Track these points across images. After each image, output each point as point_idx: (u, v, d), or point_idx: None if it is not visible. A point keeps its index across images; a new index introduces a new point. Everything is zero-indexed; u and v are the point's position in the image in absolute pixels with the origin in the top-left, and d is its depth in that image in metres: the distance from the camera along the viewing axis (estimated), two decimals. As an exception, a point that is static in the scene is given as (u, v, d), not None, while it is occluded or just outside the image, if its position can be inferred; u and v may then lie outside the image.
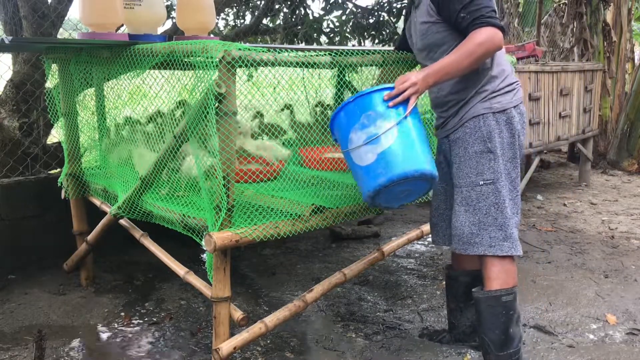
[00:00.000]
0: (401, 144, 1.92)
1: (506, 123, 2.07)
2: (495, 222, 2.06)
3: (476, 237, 2.08)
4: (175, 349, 2.47)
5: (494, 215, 2.06)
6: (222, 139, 1.92)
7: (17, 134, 3.72)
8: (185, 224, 2.24)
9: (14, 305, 2.88)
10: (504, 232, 2.06)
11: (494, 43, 1.96)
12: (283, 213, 2.19)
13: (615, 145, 6.52)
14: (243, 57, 1.90)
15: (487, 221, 2.06)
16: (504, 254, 2.07)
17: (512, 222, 2.08)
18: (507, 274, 2.09)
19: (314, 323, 2.71)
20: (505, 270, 2.08)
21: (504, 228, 2.06)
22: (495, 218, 2.06)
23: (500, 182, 2.05)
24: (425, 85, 1.98)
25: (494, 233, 2.06)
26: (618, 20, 6.90)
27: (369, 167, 1.94)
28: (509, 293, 2.08)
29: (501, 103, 2.07)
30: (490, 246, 2.07)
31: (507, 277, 2.09)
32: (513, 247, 2.08)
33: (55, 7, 3.85)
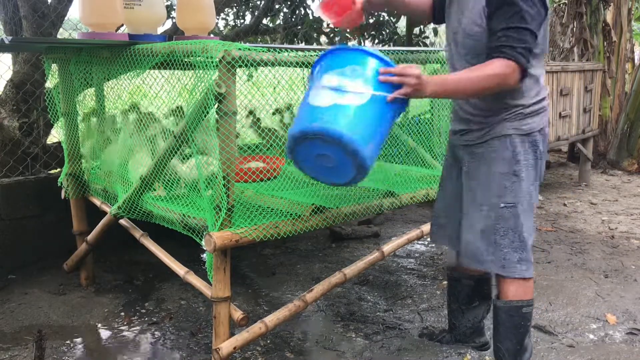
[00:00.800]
0: (358, 112, 1.79)
1: (531, 145, 1.99)
2: (511, 244, 2.01)
3: (490, 255, 2.03)
4: (175, 349, 2.47)
5: (511, 238, 2.01)
6: (222, 138, 1.92)
7: (17, 133, 3.72)
8: (185, 223, 2.24)
9: (14, 305, 2.88)
10: (518, 255, 2.01)
11: (506, 81, 1.84)
12: (283, 213, 2.19)
13: (615, 145, 6.52)
14: (243, 57, 1.90)
15: (503, 243, 2.01)
16: (518, 276, 2.03)
17: (528, 244, 2.03)
18: (525, 290, 2.06)
19: (314, 323, 2.71)
20: (520, 286, 2.05)
21: (519, 251, 2.02)
22: (512, 241, 2.01)
23: (521, 205, 1.99)
24: (423, 89, 1.83)
25: (509, 255, 2.01)
26: (618, 20, 6.90)
27: (317, 108, 1.81)
28: (529, 305, 2.07)
29: (529, 125, 1.99)
30: (502, 267, 2.02)
31: (525, 292, 2.06)
32: (526, 270, 2.03)
33: (55, 7, 3.85)
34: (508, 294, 2.06)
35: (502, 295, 2.08)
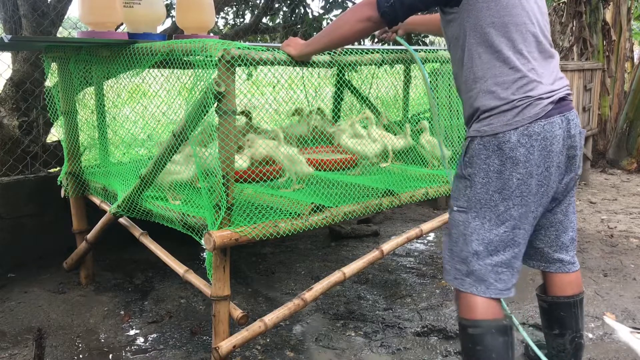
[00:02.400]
0: None
1: (497, 149, 1.71)
2: (460, 253, 1.81)
3: (447, 263, 1.87)
4: (174, 348, 2.47)
5: (461, 246, 1.80)
6: (221, 137, 1.92)
7: (17, 132, 3.72)
8: (184, 222, 2.24)
9: (13, 304, 2.88)
10: (466, 267, 1.79)
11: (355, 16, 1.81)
12: (282, 212, 2.19)
13: (614, 144, 6.53)
14: (242, 56, 1.90)
15: (454, 250, 1.83)
16: (465, 291, 1.80)
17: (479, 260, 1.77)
18: (470, 308, 1.80)
19: (313, 322, 2.72)
20: (467, 302, 1.80)
21: (466, 263, 1.79)
22: (462, 250, 1.80)
23: (472, 212, 1.77)
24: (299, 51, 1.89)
25: (458, 265, 1.82)
26: (617, 19, 6.91)
27: None
28: (475, 326, 1.78)
29: (492, 126, 1.72)
30: (454, 278, 1.83)
31: (470, 311, 1.80)
32: (475, 286, 1.78)
33: (55, 6, 3.85)
34: (459, 308, 1.85)
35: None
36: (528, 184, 1.72)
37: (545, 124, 1.71)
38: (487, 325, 1.77)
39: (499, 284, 1.77)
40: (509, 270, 1.78)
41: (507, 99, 1.70)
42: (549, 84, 1.74)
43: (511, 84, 1.71)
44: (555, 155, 1.74)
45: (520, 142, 1.69)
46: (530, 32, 1.73)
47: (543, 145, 1.71)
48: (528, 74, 1.71)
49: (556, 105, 1.73)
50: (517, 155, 1.70)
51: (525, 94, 1.70)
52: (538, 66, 1.73)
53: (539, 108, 1.70)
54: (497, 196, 1.73)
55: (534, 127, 1.69)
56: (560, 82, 1.79)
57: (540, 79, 1.72)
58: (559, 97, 1.74)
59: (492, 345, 1.76)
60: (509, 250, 1.77)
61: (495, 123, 1.71)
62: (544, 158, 1.72)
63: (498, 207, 1.74)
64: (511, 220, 1.75)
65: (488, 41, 1.72)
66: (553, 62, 1.80)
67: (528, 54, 1.72)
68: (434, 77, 3.21)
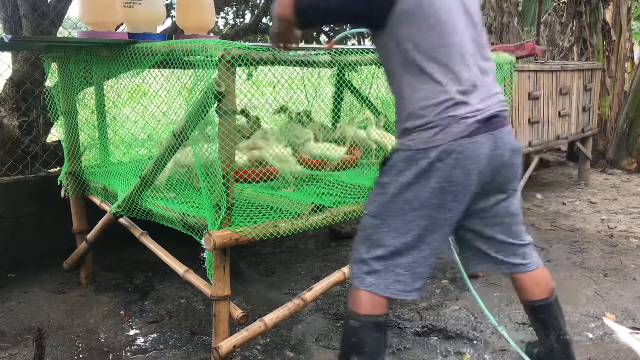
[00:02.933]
0: None
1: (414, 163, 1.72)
2: (364, 255, 1.82)
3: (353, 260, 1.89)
4: (174, 348, 2.47)
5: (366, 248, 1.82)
6: (221, 137, 1.92)
7: (17, 132, 3.72)
8: (184, 222, 2.24)
9: (13, 304, 2.88)
10: (367, 267, 1.81)
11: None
12: (282, 212, 2.19)
13: (614, 144, 6.52)
14: (242, 56, 1.90)
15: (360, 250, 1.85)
16: (364, 289, 1.81)
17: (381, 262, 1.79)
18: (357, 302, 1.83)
19: (313, 321, 2.72)
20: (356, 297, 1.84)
21: (368, 263, 1.81)
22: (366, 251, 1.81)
23: (380, 218, 1.78)
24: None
25: (361, 264, 1.83)
26: (617, 19, 6.90)
27: None
28: (355, 319, 1.83)
29: (414, 141, 1.72)
30: (356, 276, 1.85)
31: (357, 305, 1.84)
32: (374, 285, 1.79)
33: (55, 6, 3.85)
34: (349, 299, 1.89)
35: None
36: (440, 199, 1.72)
37: (469, 143, 1.69)
38: (366, 320, 1.83)
39: (398, 285, 1.80)
40: (409, 273, 1.79)
41: (432, 118, 1.70)
42: (477, 102, 1.71)
43: (437, 105, 1.70)
44: (477, 174, 1.72)
45: (439, 159, 1.69)
46: (459, 52, 1.71)
47: (464, 164, 1.69)
48: (454, 95, 1.69)
49: (484, 124, 1.71)
50: (433, 171, 1.70)
51: (450, 114, 1.69)
52: (467, 85, 1.71)
53: (462, 127, 1.68)
54: (407, 207, 1.74)
55: (455, 146, 1.68)
56: (493, 99, 1.76)
57: (467, 98, 1.70)
58: (488, 115, 1.72)
59: (366, 338, 1.83)
60: (411, 256, 1.79)
61: (417, 139, 1.71)
62: (464, 176, 1.71)
63: (406, 217, 1.75)
64: (417, 230, 1.76)
65: (414, 63, 1.71)
66: (486, 78, 1.78)
67: (455, 75, 1.70)
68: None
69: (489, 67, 1.81)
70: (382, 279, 1.80)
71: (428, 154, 1.70)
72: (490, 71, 1.82)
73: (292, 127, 2.90)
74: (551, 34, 8.17)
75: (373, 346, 1.83)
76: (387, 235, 1.78)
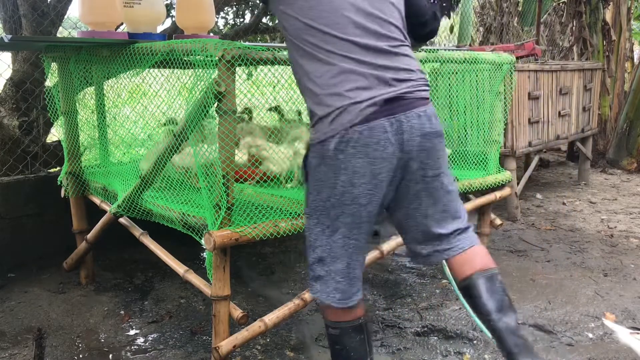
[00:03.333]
0: None
1: (322, 157, 1.66)
2: (309, 259, 1.80)
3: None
4: (174, 348, 2.47)
5: (310, 252, 1.80)
6: (221, 137, 1.92)
7: (17, 132, 3.72)
8: (184, 222, 2.24)
9: (13, 304, 2.88)
10: (312, 272, 1.79)
11: None
12: (283, 211, 2.19)
13: (614, 144, 6.52)
14: (242, 56, 1.90)
15: (308, 255, 1.82)
16: (313, 295, 1.81)
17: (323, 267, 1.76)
18: (329, 311, 1.81)
19: (313, 321, 2.72)
20: (324, 307, 1.82)
21: (313, 269, 1.79)
22: (310, 255, 1.80)
23: (314, 218, 1.75)
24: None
25: (310, 269, 1.81)
26: (617, 19, 6.90)
27: None
28: (333, 327, 1.82)
29: (317, 134, 1.66)
30: (309, 282, 1.84)
31: (329, 313, 1.82)
32: (319, 292, 1.77)
33: (55, 6, 3.85)
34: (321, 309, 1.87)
35: None
36: (351, 192, 1.65)
37: (364, 130, 1.59)
38: (344, 326, 1.81)
39: (338, 293, 1.76)
40: (346, 280, 1.75)
41: (326, 106, 1.63)
42: (374, 86, 1.62)
43: (327, 90, 1.63)
44: (383, 162, 1.63)
45: (339, 149, 1.62)
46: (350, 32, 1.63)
47: (364, 151, 1.61)
48: (340, 80, 1.61)
49: (382, 108, 1.61)
50: (338, 163, 1.63)
51: (342, 100, 1.61)
52: (360, 68, 1.62)
53: (354, 114, 1.59)
54: (328, 204, 1.69)
55: (350, 134, 1.60)
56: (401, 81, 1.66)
57: (358, 83, 1.61)
58: (387, 98, 1.62)
59: (349, 343, 1.82)
60: (344, 258, 1.74)
61: (319, 131, 1.65)
62: (368, 165, 1.62)
63: (330, 214, 1.70)
64: (342, 228, 1.71)
65: (303, 48, 1.66)
66: (390, 58, 1.67)
67: (346, 57, 1.62)
68: (433, 77, 3.21)
69: (390, 47, 1.68)
70: (325, 286, 1.77)
71: (328, 145, 1.63)
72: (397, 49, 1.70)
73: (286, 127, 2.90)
74: (551, 34, 8.17)
75: (358, 349, 1.82)
76: (322, 235, 1.74)
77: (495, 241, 3.89)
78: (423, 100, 1.70)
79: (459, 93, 3.14)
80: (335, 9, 1.64)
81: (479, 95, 3.10)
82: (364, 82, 1.62)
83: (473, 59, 2.85)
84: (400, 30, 1.74)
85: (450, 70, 3.14)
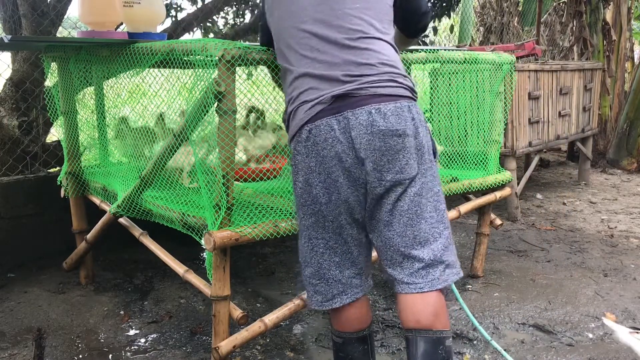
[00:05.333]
0: None
1: (291, 158, 1.70)
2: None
3: None
4: (174, 348, 2.47)
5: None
6: (221, 137, 1.92)
7: (17, 132, 3.72)
8: (184, 222, 2.24)
9: (13, 304, 2.88)
10: (302, 277, 1.80)
11: None
12: (283, 211, 2.19)
13: (614, 144, 6.52)
14: (242, 56, 1.90)
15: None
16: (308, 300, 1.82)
17: (303, 271, 1.77)
18: (334, 319, 1.82)
19: (313, 322, 2.72)
20: (331, 313, 1.82)
21: (301, 273, 1.80)
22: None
23: (298, 218, 1.76)
24: None
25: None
26: (618, 19, 6.90)
27: None
28: (338, 335, 1.82)
29: (288, 136, 1.71)
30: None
31: (334, 321, 1.82)
32: (307, 295, 1.79)
33: (55, 6, 3.85)
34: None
35: None
36: (310, 192, 1.64)
37: (312, 128, 1.59)
38: (348, 336, 1.80)
39: (318, 295, 1.75)
40: (322, 282, 1.73)
41: (287, 108, 1.68)
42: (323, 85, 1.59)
43: (289, 95, 1.67)
44: (333, 160, 1.59)
45: (297, 150, 1.64)
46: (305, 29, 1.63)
47: (314, 150, 1.59)
48: (297, 83, 1.63)
49: (330, 106, 1.57)
50: (296, 164, 1.65)
51: (296, 101, 1.63)
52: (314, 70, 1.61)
53: (302, 113, 1.60)
54: (298, 203, 1.71)
55: (302, 134, 1.61)
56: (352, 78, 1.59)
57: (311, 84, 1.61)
58: (336, 94, 1.57)
59: (352, 353, 1.80)
60: (314, 260, 1.72)
61: (288, 133, 1.70)
62: (321, 164, 1.60)
63: (298, 216, 1.73)
64: (306, 230, 1.71)
65: (279, 54, 1.75)
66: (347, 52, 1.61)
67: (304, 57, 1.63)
68: (433, 77, 3.21)
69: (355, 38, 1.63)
70: (308, 290, 1.78)
71: (293, 146, 1.67)
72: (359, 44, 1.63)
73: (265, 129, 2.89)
74: (551, 34, 8.17)
75: (360, 358, 1.81)
76: (300, 237, 1.77)
77: (495, 241, 3.89)
78: (381, 97, 1.59)
79: (459, 93, 3.14)
80: (298, 7, 1.66)
81: (479, 95, 3.10)
82: (317, 83, 1.61)
83: (473, 59, 2.84)
84: (366, 22, 1.65)
85: (451, 70, 3.13)
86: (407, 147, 1.60)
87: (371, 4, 1.68)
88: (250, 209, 2.14)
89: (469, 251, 3.40)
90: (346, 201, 1.64)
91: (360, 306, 1.78)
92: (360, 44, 1.62)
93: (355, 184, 1.62)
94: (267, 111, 2.97)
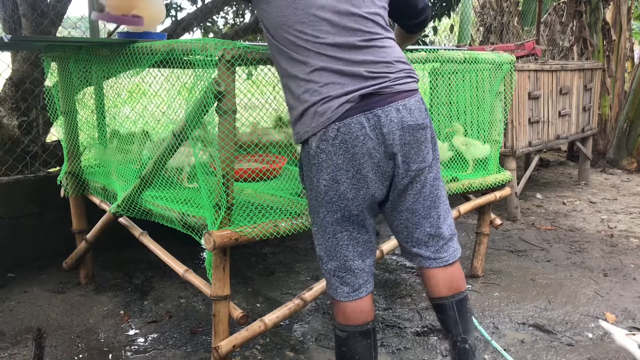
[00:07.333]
0: None
1: (306, 155, 1.71)
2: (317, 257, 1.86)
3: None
4: (174, 348, 2.47)
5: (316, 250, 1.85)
6: (221, 137, 1.92)
7: (17, 132, 3.72)
8: (184, 222, 2.24)
9: (13, 304, 2.88)
10: (322, 271, 1.85)
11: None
12: (282, 211, 2.19)
13: (614, 144, 6.52)
14: (242, 56, 1.90)
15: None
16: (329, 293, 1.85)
17: (324, 265, 1.81)
18: (338, 313, 1.83)
19: (313, 321, 2.72)
20: (337, 308, 1.84)
21: (320, 267, 1.84)
22: (317, 253, 1.85)
23: (311, 217, 1.81)
24: None
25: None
26: (617, 18, 6.90)
27: None
28: (341, 329, 1.83)
29: (299, 134, 1.70)
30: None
31: (338, 315, 1.84)
32: (330, 290, 1.83)
33: (55, 5, 3.85)
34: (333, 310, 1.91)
35: None
36: (336, 190, 1.68)
37: (341, 126, 1.61)
38: (352, 330, 1.82)
39: (345, 287, 1.79)
40: (349, 273, 1.78)
41: (302, 104, 1.65)
42: (349, 81, 1.63)
43: (303, 88, 1.65)
44: (364, 157, 1.64)
45: (320, 148, 1.65)
46: (323, 30, 1.64)
47: (344, 148, 1.63)
48: (315, 77, 1.63)
49: (358, 104, 1.62)
50: (320, 162, 1.66)
51: (316, 97, 1.63)
52: (333, 65, 1.63)
53: (330, 112, 1.61)
54: (316, 203, 1.74)
55: (329, 132, 1.62)
56: (376, 76, 1.65)
57: (332, 79, 1.63)
58: (364, 93, 1.62)
59: (355, 347, 1.83)
60: (340, 254, 1.77)
61: (300, 130, 1.68)
62: (350, 161, 1.64)
63: (319, 213, 1.75)
64: (330, 227, 1.74)
65: (280, 47, 1.69)
66: (364, 53, 1.66)
67: (319, 54, 1.64)
68: (434, 77, 3.21)
69: (369, 39, 1.68)
70: (330, 282, 1.81)
71: (310, 144, 1.66)
72: (373, 43, 1.68)
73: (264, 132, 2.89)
74: (551, 34, 8.17)
75: (364, 353, 1.83)
76: (317, 234, 1.80)
77: (495, 241, 3.89)
78: (404, 93, 1.68)
79: (459, 93, 3.14)
80: (308, 6, 1.65)
81: (479, 95, 3.10)
82: (338, 78, 1.63)
83: (473, 58, 2.84)
84: (375, 22, 1.70)
85: (450, 70, 3.13)
86: (427, 137, 1.75)
87: (372, 3, 1.73)
88: (250, 208, 2.14)
89: (469, 251, 3.40)
90: (373, 195, 1.72)
91: (369, 298, 1.84)
92: (374, 43, 1.69)
93: (382, 178, 1.71)
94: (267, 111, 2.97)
